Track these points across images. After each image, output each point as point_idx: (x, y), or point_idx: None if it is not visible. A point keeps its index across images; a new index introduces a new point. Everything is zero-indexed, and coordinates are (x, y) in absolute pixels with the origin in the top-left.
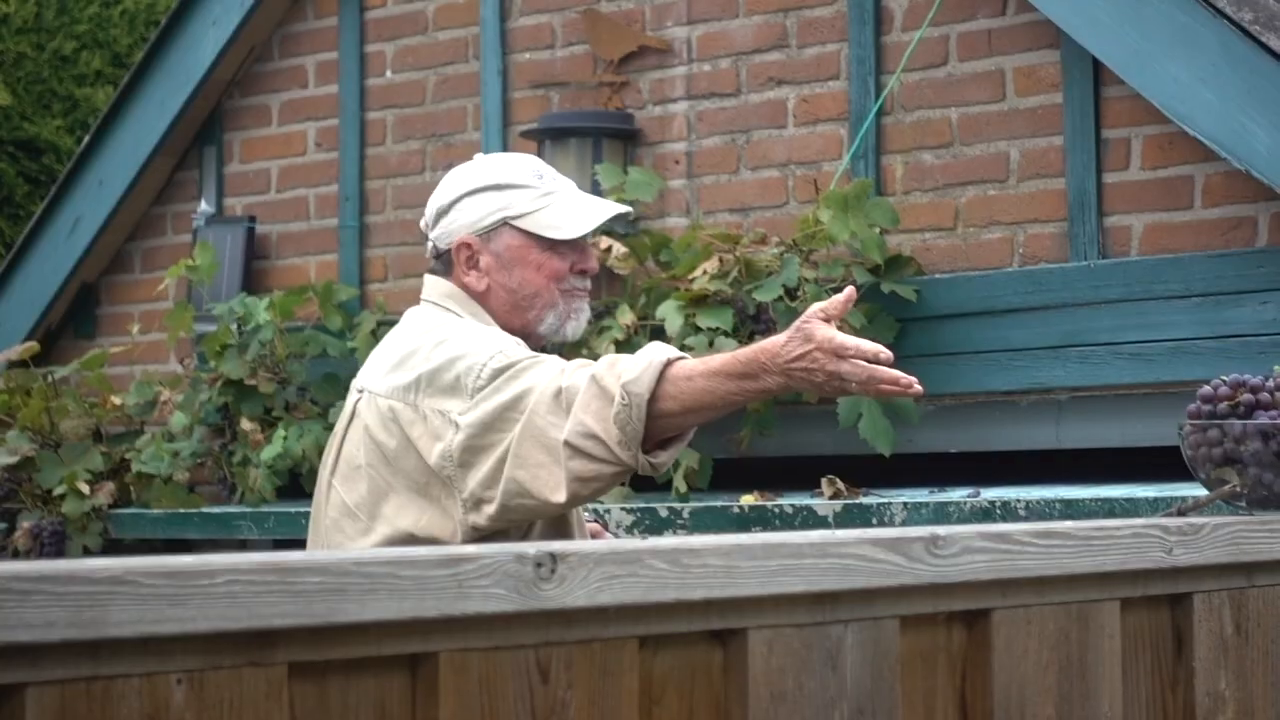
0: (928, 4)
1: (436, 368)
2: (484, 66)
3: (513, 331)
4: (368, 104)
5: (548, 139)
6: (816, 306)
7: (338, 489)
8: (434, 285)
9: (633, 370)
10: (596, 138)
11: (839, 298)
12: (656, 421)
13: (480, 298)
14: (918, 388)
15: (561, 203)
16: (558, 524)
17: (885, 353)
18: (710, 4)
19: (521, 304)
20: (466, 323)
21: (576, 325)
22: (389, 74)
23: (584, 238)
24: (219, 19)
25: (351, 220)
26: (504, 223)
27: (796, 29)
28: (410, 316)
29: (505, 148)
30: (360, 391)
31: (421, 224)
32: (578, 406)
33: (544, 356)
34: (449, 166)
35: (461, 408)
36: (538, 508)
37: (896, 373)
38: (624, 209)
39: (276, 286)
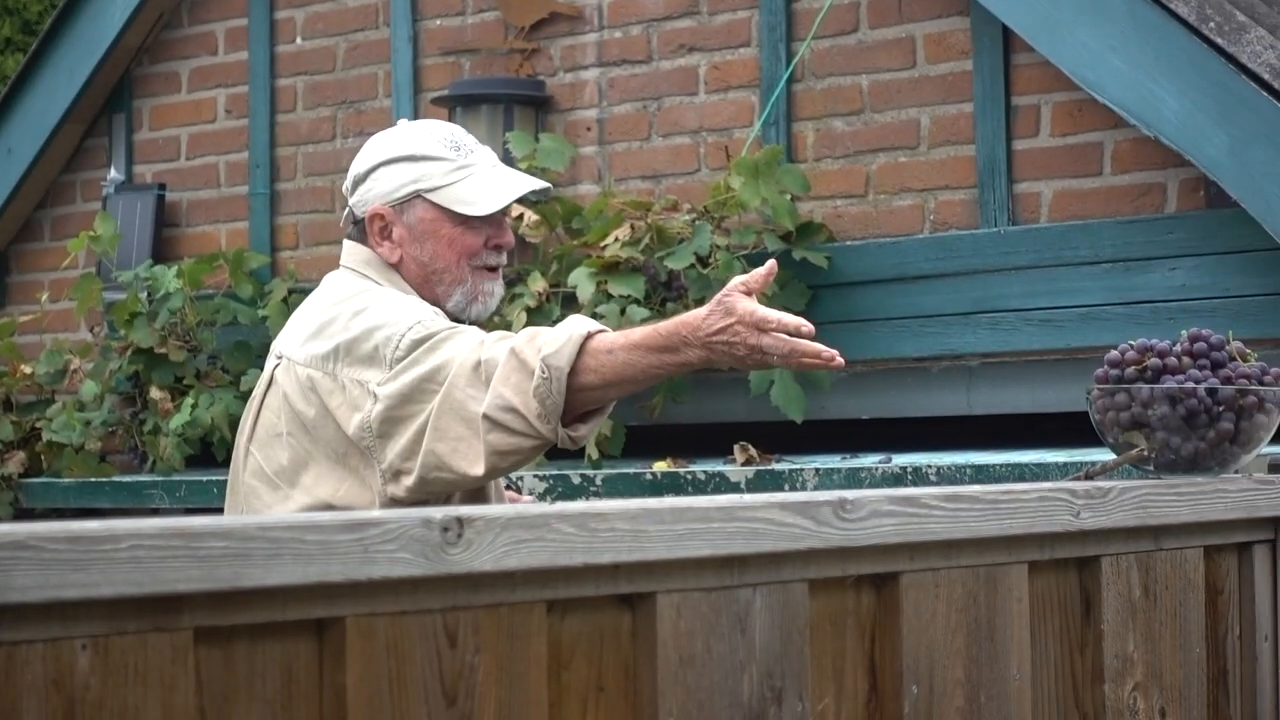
0: None
1: (355, 337)
2: (394, 33)
3: (427, 300)
4: (278, 71)
5: (459, 106)
6: (738, 280)
7: (255, 455)
8: (353, 251)
9: (553, 344)
10: (508, 105)
11: (760, 271)
12: (576, 395)
13: (394, 269)
14: (839, 360)
15: (477, 177)
16: (476, 495)
17: (807, 326)
18: None
19: (431, 278)
20: (385, 291)
21: (484, 306)
22: (299, 40)
23: (499, 213)
24: None
25: (262, 187)
26: (417, 195)
27: None
28: (329, 282)
29: (416, 114)
30: (279, 358)
31: (344, 188)
32: (497, 380)
33: (463, 328)
34: (360, 133)
35: (380, 378)
36: (456, 480)
37: (818, 346)
38: (541, 184)
39: (187, 254)
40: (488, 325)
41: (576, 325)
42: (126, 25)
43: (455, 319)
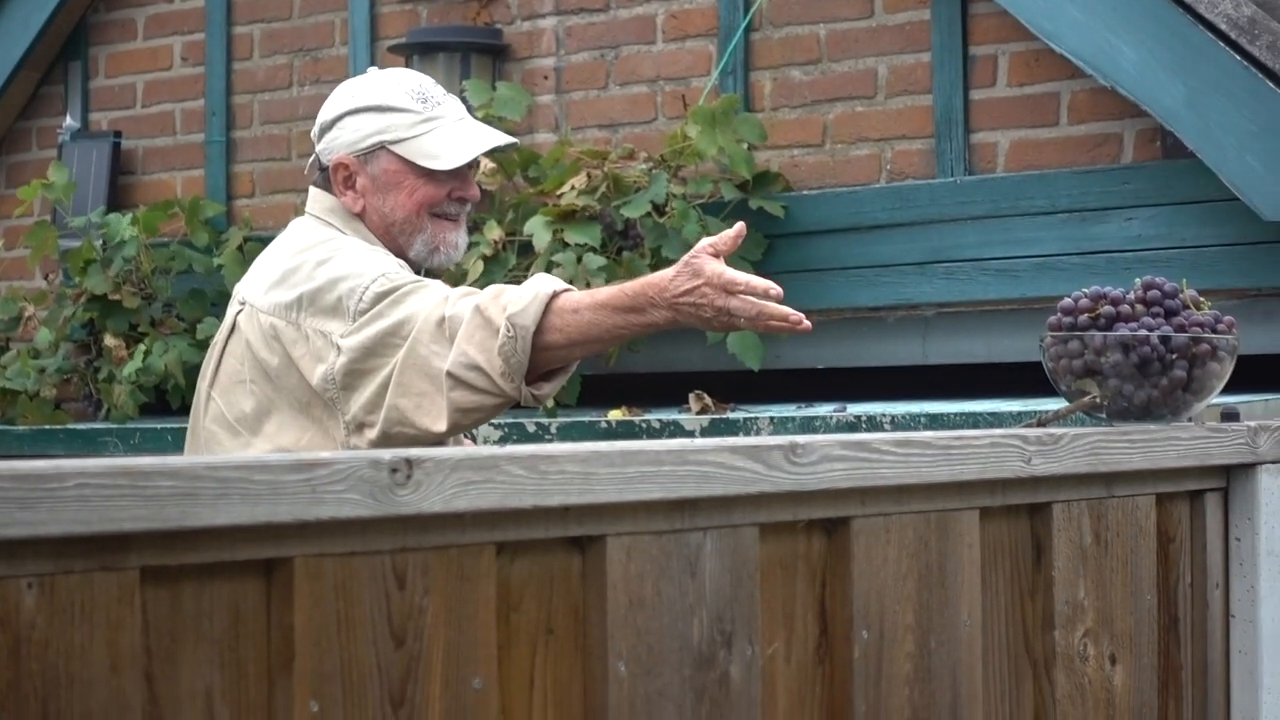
0: None
1: (319, 287)
2: None
3: (390, 249)
4: (234, 18)
5: (415, 54)
6: (706, 241)
7: (217, 400)
8: (318, 199)
9: (519, 302)
10: (465, 53)
11: (728, 233)
12: (541, 354)
13: (357, 217)
14: (806, 324)
15: (442, 130)
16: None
17: (775, 289)
18: None
19: (392, 229)
20: (350, 241)
21: (447, 255)
22: None
23: (464, 166)
24: None
25: (218, 135)
26: (382, 146)
27: None
28: (293, 229)
29: (373, 62)
30: (242, 303)
31: (312, 134)
32: (461, 337)
33: (428, 281)
34: (317, 81)
35: (343, 330)
36: (418, 435)
37: (785, 309)
38: (508, 140)
39: (143, 202)
40: (449, 278)
41: (543, 284)
42: None
43: (417, 269)
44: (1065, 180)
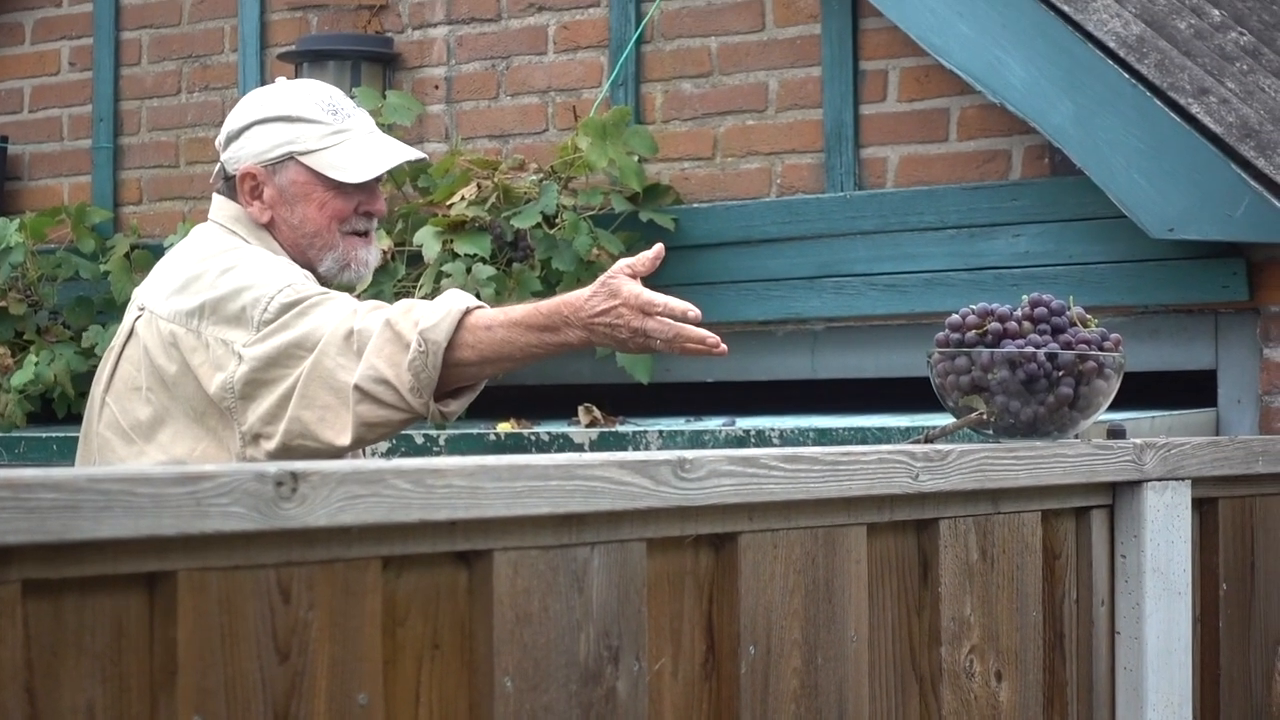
0: None
1: (222, 296)
2: None
3: (299, 261)
4: (123, 23)
5: (305, 62)
6: (623, 262)
7: (111, 406)
8: (221, 206)
9: (431, 317)
10: (355, 61)
11: (647, 255)
12: (451, 370)
13: (265, 228)
14: (723, 348)
15: (352, 143)
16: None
17: (694, 310)
18: None
19: (301, 242)
20: (255, 250)
21: (357, 273)
22: None
23: (372, 180)
24: None
25: (106, 141)
26: (290, 157)
27: None
28: (196, 235)
29: (262, 70)
30: (140, 309)
31: (216, 143)
32: (370, 350)
33: (334, 294)
34: (206, 88)
35: (245, 339)
36: (320, 449)
37: (703, 332)
38: (418, 155)
39: (29, 208)
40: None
41: (456, 300)
42: None
43: (326, 284)
44: (954, 196)
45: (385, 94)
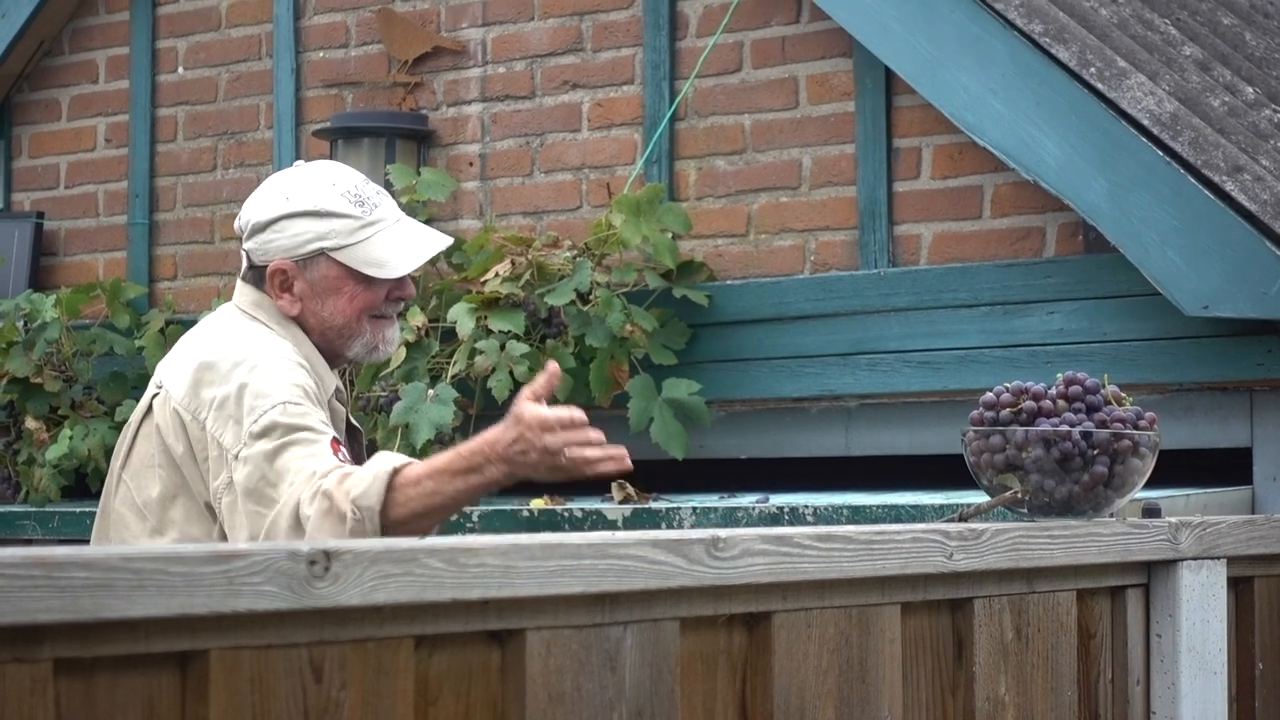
0: (722, 10)
1: (227, 395)
2: (277, 64)
3: (323, 351)
4: (159, 100)
5: (340, 139)
6: (526, 388)
7: (128, 483)
8: (245, 293)
9: (361, 484)
10: (390, 138)
11: (541, 378)
12: (392, 530)
13: (292, 318)
14: (628, 462)
15: (384, 235)
16: None
17: (579, 414)
18: (505, 6)
19: (329, 332)
20: (270, 348)
21: (385, 350)
22: (181, 70)
23: None
24: (8, 12)
25: (141, 217)
26: (322, 253)
27: (591, 33)
28: (219, 319)
29: (298, 146)
30: (159, 387)
31: (236, 225)
32: (312, 527)
33: (317, 435)
34: (241, 165)
35: (235, 447)
36: None
37: (607, 448)
38: (448, 240)
39: (64, 283)
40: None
41: (383, 462)
42: (7, 52)
43: (355, 365)
44: (988, 273)
45: (420, 171)
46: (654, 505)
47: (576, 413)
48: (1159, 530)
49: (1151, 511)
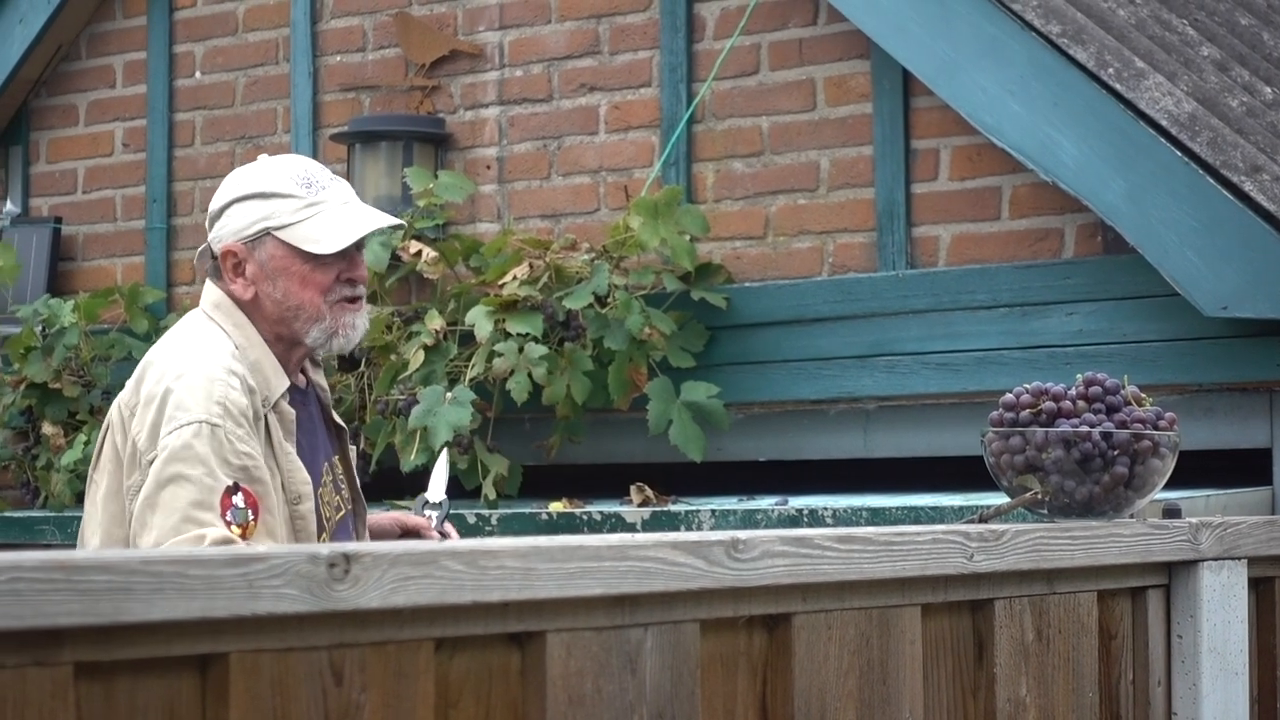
0: (739, 12)
1: (151, 397)
2: (294, 69)
3: (283, 338)
4: (176, 105)
5: (358, 142)
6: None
7: (96, 481)
8: (208, 293)
9: None
10: (407, 141)
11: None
12: None
13: (248, 305)
14: None
15: (326, 214)
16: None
17: None
18: (522, 9)
19: (287, 315)
20: (207, 355)
21: (346, 339)
22: (198, 75)
23: (350, 246)
24: (26, 17)
25: (159, 222)
26: (267, 232)
27: (609, 35)
28: (183, 320)
29: (315, 150)
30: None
31: (206, 225)
32: None
33: (211, 489)
34: None
35: (149, 453)
36: None
37: None
38: (392, 221)
39: (82, 288)
40: (380, 359)
41: None
42: (24, 57)
43: (313, 352)
44: (1006, 274)
45: (437, 174)
46: (673, 508)
47: None
48: (1179, 531)
49: (1172, 512)
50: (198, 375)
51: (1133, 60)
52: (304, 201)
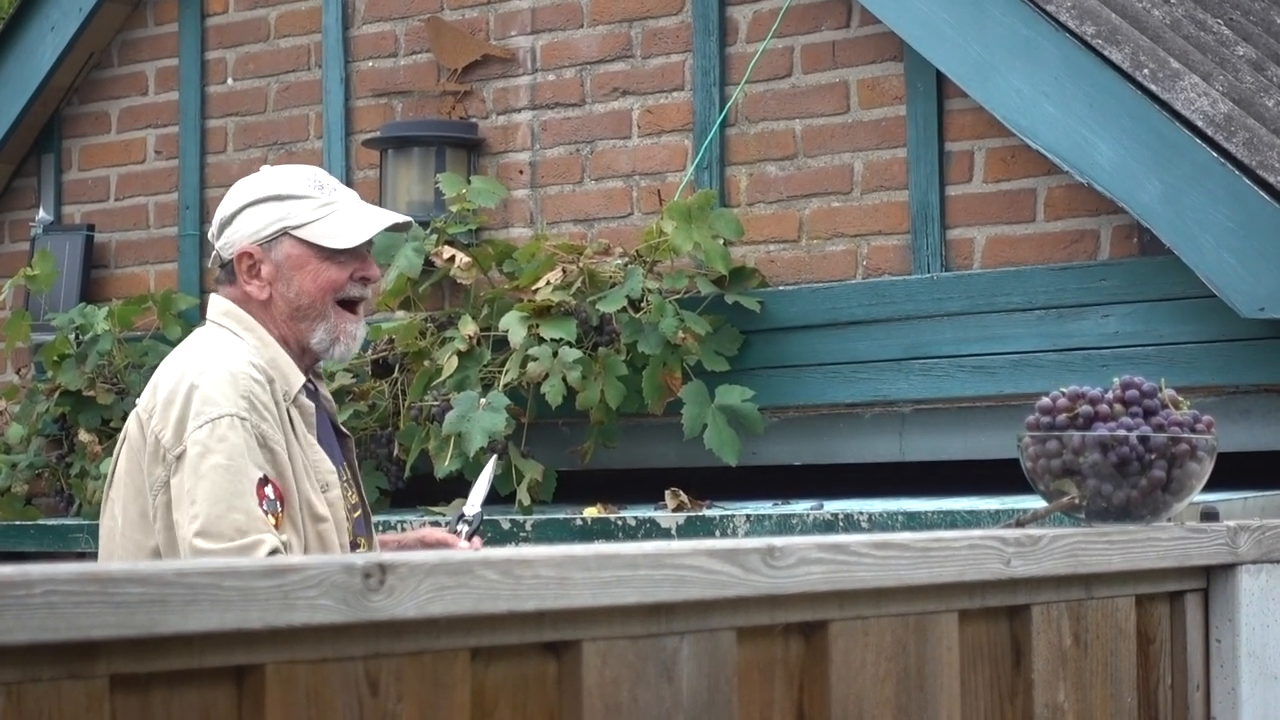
0: (772, 15)
1: (173, 396)
2: (326, 75)
3: (292, 339)
4: (208, 111)
5: (390, 148)
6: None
7: (112, 499)
8: (215, 303)
9: None
10: (439, 147)
11: None
12: None
13: (262, 307)
14: None
15: (341, 213)
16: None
17: None
18: (554, 13)
19: (296, 314)
20: (225, 354)
21: (346, 348)
22: (230, 81)
23: (364, 246)
24: (58, 24)
25: (191, 229)
26: (284, 232)
27: (641, 39)
28: (194, 333)
29: (347, 156)
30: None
31: (209, 235)
32: None
33: (243, 477)
34: None
35: (175, 449)
36: None
37: None
38: (403, 218)
39: (115, 295)
40: (414, 365)
41: None
42: (56, 65)
43: (318, 359)
44: (1042, 277)
45: (470, 179)
46: (707, 513)
47: None
48: (1217, 534)
49: (1209, 515)
50: (220, 371)
51: (1168, 61)
52: (319, 201)
